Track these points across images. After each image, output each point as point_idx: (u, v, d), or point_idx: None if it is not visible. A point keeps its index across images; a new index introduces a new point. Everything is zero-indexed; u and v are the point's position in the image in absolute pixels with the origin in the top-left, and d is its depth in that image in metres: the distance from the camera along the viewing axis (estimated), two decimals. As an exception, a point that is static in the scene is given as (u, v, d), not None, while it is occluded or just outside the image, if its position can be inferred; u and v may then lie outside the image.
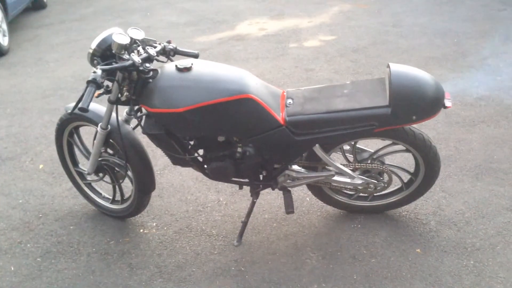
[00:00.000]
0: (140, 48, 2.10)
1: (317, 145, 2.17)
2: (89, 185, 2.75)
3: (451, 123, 3.40)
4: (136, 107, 2.22)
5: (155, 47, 2.17)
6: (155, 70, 2.12)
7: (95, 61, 2.09)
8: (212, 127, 2.10)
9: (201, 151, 2.31)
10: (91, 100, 1.86)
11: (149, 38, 2.17)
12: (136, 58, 1.97)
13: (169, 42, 2.23)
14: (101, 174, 2.55)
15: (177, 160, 2.31)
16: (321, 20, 5.99)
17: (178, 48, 2.23)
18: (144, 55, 2.05)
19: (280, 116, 2.07)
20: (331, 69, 4.50)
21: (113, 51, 2.02)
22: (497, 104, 3.62)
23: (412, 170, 2.36)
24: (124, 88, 2.11)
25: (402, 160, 2.85)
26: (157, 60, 2.15)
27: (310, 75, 4.42)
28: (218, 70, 2.12)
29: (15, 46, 5.88)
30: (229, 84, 2.03)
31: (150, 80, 2.09)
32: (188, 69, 2.07)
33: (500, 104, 3.61)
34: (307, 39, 5.37)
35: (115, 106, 2.17)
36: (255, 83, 2.10)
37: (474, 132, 3.27)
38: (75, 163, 2.70)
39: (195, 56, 2.29)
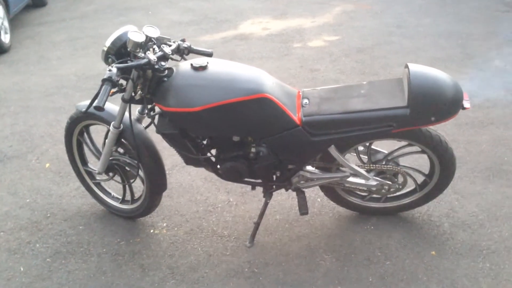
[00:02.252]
0: (155, 46, 2.08)
1: (332, 145, 2.15)
2: (98, 185, 2.72)
3: (459, 125, 3.39)
4: (149, 106, 2.19)
5: (170, 45, 2.14)
6: (170, 69, 2.09)
7: (110, 59, 2.07)
8: (227, 126, 2.08)
9: (214, 151, 2.29)
10: (106, 99, 1.84)
11: (163, 36, 2.15)
12: (152, 57, 1.94)
13: (183, 40, 2.21)
14: (111, 174, 2.52)
15: (190, 160, 2.28)
16: (324, 20, 5.98)
17: (192, 46, 2.21)
18: (160, 53, 2.02)
19: (296, 116, 2.05)
20: (337, 70, 4.49)
21: (128, 49, 2.00)
22: (505, 106, 3.61)
23: (426, 171, 2.34)
24: (138, 87, 2.09)
25: (413, 160, 2.83)
26: (171, 59, 2.13)
27: (315, 75, 4.40)
28: (234, 69, 2.10)
29: (16, 43, 5.83)
30: (245, 84, 2.01)
31: (165, 79, 2.07)
32: (204, 68, 2.05)
33: (508, 106, 3.61)
34: (311, 39, 5.35)
35: (128, 105, 2.14)
36: (271, 83, 2.08)
37: (484, 134, 3.26)
38: (84, 162, 2.67)
39: (209, 54, 2.27)
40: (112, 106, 2.34)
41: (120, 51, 2.07)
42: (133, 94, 2.13)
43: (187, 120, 2.05)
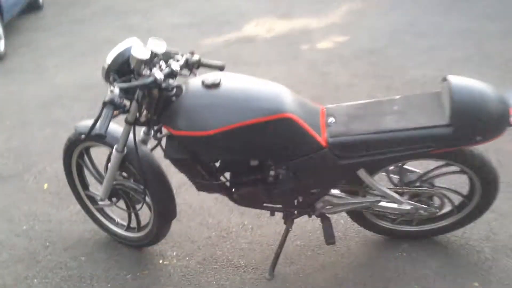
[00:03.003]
0: (162, 62, 1.85)
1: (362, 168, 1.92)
2: (101, 210, 2.49)
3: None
4: (156, 127, 1.96)
5: (177, 60, 1.91)
6: (179, 87, 1.86)
7: (111, 77, 1.84)
8: (245, 150, 1.85)
9: (228, 174, 2.06)
10: (109, 124, 1.61)
11: (171, 50, 1.92)
12: (158, 74, 1.72)
13: (192, 53, 1.98)
14: (114, 199, 2.30)
15: (202, 187, 2.06)
16: (331, 20, 5.73)
17: (202, 59, 1.98)
18: (167, 70, 1.79)
19: (321, 137, 1.82)
20: (349, 73, 4.24)
21: (132, 67, 1.77)
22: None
23: (465, 192, 2.11)
24: (144, 107, 1.87)
25: (449, 179, 2.60)
26: (180, 75, 1.90)
27: (327, 79, 4.17)
28: (250, 85, 1.87)
29: (11, 51, 5.60)
30: (264, 102, 1.79)
31: (174, 99, 1.84)
32: (216, 85, 1.82)
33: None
34: (319, 40, 5.11)
35: (133, 127, 1.92)
36: (292, 100, 1.85)
37: (514, 142, 3.03)
38: (85, 186, 2.44)
39: (221, 68, 2.04)
40: (115, 126, 2.11)
41: (122, 68, 1.84)
42: (138, 115, 1.90)
43: (200, 144, 1.82)
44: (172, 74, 1.82)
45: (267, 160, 1.93)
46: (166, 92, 1.82)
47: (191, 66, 1.98)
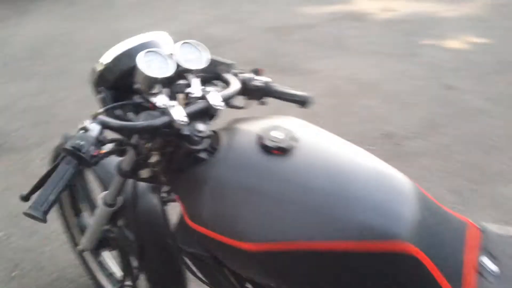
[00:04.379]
0: (195, 83, 0.97)
1: None
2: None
3: None
4: (165, 188, 1.12)
5: (226, 81, 1.04)
6: (214, 138, 0.99)
7: (101, 92, 1.01)
8: (314, 284, 0.95)
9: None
10: (54, 202, 0.80)
11: (219, 59, 1.05)
12: (178, 114, 0.87)
13: (256, 71, 1.10)
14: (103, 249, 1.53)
15: None
16: (468, 10, 4.50)
17: (274, 85, 1.10)
18: (198, 106, 0.92)
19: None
20: (485, 94, 3.10)
21: (136, 86, 0.93)
22: None
23: None
24: (152, 156, 1.03)
25: None
26: (228, 106, 1.02)
27: (451, 97, 3.07)
28: (350, 167, 0.94)
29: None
30: (372, 214, 0.85)
31: (202, 156, 0.97)
32: (285, 151, 0.91)
33: None
34: (448, 37, 3.96)
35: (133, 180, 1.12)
36: (427, 214, 0.90)
37: None
38: (77, 210, 1.69)
39: (304, 102, 1.15)
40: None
41: (123, 77, 0.99)
42: (137, 162, 1.07)
43: (235, 258, 0.95)
44: (206, 113, 0.95)
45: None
46: (190, 145, 0.95)
47: (252, 93, 1.11)
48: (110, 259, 1.74)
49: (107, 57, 0.99)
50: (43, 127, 2.59)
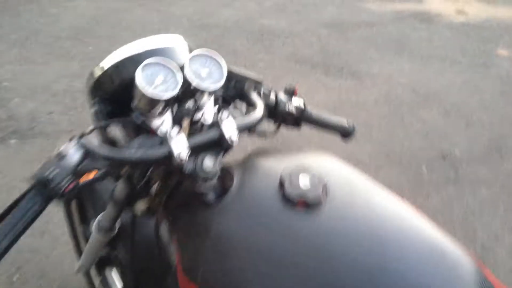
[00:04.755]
0: (206, 104, 0.76)
1: None
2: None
3: None
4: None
5: (251, 104, 0.82)
6: (226, 175, 0.77)
7: (95, 104, 0.81)
8: None
9: None
10: (7, 249, 0.61)
11: (243, 73, 0.84)
12: (179, 147, 0.66)
13: (291, 92, 0.89)
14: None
15: None
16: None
17: (308, 109, 0.88)
18: (207, 135, 0.70)
19: None
20: None
21: (134, 105, 0.72)
22: None
23: None
24: (151, 185, 0.84)
25: None
26: (250, 134, 0.81)
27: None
28: (397, 239, 0.69)
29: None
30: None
31: (207, 200, 0.76)
32: (311, 206, 0.69)
33: None
34: (529, 48, 3.52)
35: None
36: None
37: None
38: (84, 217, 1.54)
39: (347, 132, 0.93)
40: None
41: (123, 86, 0.79)
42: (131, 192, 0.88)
43: None
44: (220, 144, 0.73)
45: None
46: (193, 183, 0.74)
47: (283, 117, 0.90)
48: (114, 273, 1.59)
49: (108, 61, 0.79)
50: (75, 112, 2.48)
